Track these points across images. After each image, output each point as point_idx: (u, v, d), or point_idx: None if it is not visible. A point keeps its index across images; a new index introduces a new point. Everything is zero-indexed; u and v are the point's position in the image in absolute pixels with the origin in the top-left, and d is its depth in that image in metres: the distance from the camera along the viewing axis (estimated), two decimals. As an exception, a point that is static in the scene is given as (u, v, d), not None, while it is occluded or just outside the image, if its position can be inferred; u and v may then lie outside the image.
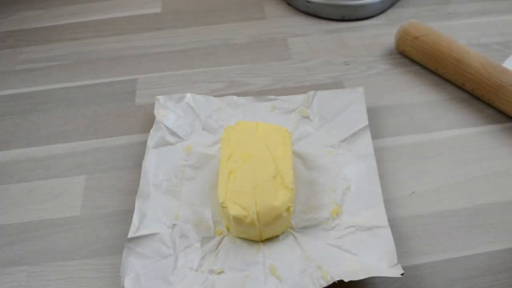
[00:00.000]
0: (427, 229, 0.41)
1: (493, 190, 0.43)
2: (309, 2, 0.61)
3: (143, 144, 0.47)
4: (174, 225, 0.41)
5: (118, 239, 0.41)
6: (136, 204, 0.41)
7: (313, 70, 0.55)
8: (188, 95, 0.50)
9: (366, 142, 0.45)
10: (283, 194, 0.39)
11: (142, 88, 0.54)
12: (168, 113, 0.48)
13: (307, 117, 0.48)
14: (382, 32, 0.60)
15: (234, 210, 0.38)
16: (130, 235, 0.39)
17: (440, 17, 0.62)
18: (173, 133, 0.47)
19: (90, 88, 0.55)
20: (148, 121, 0.50)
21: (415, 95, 0.52)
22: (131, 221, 0.40)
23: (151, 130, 0.47)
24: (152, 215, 0.41)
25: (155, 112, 0.48)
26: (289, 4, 0.64)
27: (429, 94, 0.52)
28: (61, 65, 0.58)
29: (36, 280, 0.39)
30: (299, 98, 0.50)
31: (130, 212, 0.42)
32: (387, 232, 0.39)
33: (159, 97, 0.49)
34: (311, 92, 0.49)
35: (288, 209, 0.38)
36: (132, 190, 0.44)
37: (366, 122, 0.46)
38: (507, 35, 0.58)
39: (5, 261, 0.40)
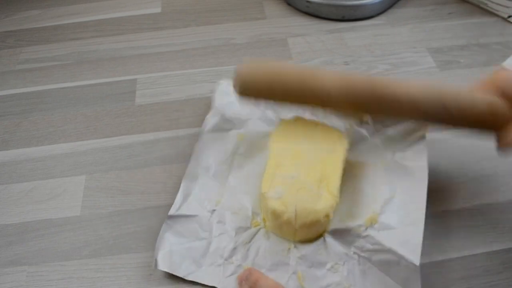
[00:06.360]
0: (427, 229, 0.41)
1: (493, 190, 0.43)
2: (309, 2, 0.61)
3: (143, 144, 0.47)
4: (214, 210, 0.41)
5: (118, 239, 0.41)
6: (182, 183, 0.42)
7: (313, 70, 0.55)
8: None
9: (420, 153, 0.41)
10: (325, 199, 0.37)
11: (142, 88, 0.54)
12: (227, 99, 0.48)
13: (366, 122, 0.45)
14: (382, 32, 0.60)
15: (274, 204, 0.37)
16: (171, 212, 0.40)
17: (440, 17, 0.62)
18: (229, 120, 0.46)
19: (90, 88, 0.55)
20: (148, 121, 0.50)
21: (415, 95, 0.52)
22: (131, 221, 0.41)
23: (207, 116, 0.46)
24: (195, 197, 0.41)
25: (215, 96, 0.48)
26: (289, 4, 0.64)
27: (429, 94, 0.52)
28: (61, 65, 0.58)
29: (36, 280, 0.39)
30: None
31: (130, 212, 0.42)
32: (415, 266, 0.35)
33: (221, 81, 0.49)
34: None
35: (327, 216, 0.37)
36: (132, 190, 0.44)
37: (424, 133, 0.42)
38: (507, 35, 0.58)
39: (5, 261, 0.40)
